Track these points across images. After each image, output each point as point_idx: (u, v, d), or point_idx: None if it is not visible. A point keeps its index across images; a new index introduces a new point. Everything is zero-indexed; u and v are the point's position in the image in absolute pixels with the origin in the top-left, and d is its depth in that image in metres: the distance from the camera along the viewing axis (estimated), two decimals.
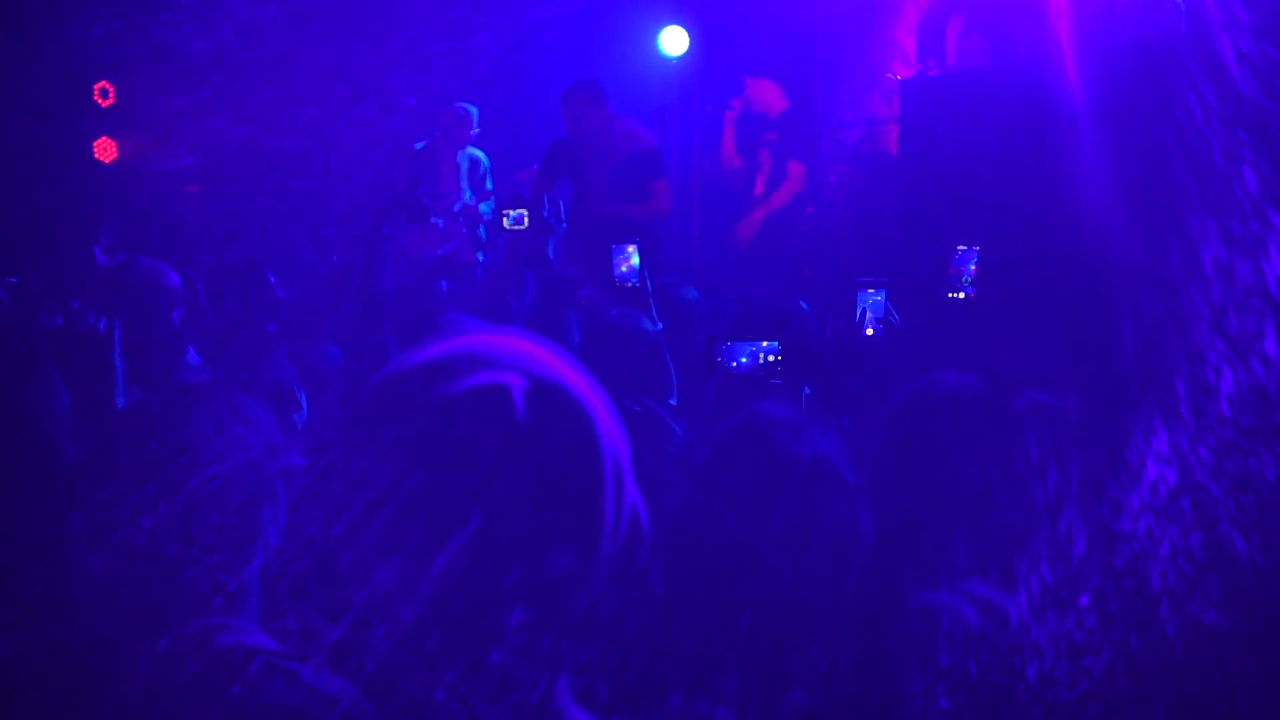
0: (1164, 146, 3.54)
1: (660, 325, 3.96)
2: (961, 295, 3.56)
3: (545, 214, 4.30)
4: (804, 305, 4.68)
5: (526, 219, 4.36)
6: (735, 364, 2.93)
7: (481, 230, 8.34)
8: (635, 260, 4.04)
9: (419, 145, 8.40)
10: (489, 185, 8.50)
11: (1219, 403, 2.00)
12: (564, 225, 4.36)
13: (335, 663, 1.53)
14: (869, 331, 3.31)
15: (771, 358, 2.89)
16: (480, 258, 8.25)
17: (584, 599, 1.05)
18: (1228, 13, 3.20)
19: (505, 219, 4.44)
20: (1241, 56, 3.02)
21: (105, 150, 8.95)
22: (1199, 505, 1.78)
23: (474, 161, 8.46)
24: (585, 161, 6.95)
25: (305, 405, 3.33)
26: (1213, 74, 3.13)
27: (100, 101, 8.92)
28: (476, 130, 8.33)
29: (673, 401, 3.42)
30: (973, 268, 3.57)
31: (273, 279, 4.85)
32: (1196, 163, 3.20)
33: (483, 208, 8.28)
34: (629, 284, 4.05)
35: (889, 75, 6.84)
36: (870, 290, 3.36)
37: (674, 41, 9.26)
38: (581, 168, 7.00)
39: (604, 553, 1.06)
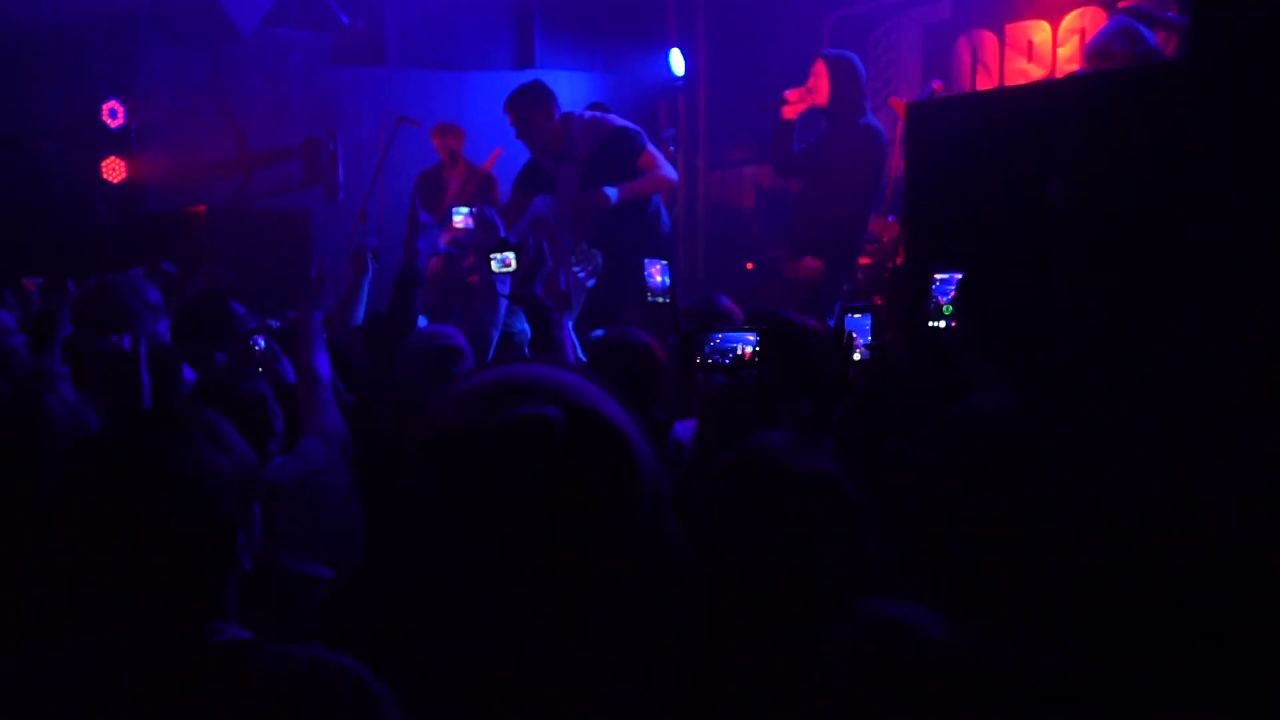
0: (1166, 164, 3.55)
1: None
2: (941, 325, 3.45)
3: (531, 255, 4.33)
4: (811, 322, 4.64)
5: (514, 260, 4.36)
6: (716, 358, 2.90)
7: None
8: (664, 277, 4.03)
9: (426, 168, 8.40)
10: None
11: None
12: (550, 263, 4.38)
13: None
14: (856, 356, 3.23)
15: (750, 350, 2.86)
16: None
17: (621, 625, 1.04)
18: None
19: (493, 261, 4.43)
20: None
21: (114, 170, 8.97)
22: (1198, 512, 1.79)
23: (482, 180, 8.35)
24: (554, 170, 6.69)
25: (281, 429, 3.31)
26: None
27: (109, 122, 8.94)
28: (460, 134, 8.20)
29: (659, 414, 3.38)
30: (951, 294, 3.46)
31: (240, 309, 4.83)
32: (1191, 179, 3.22)
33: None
34: (659, 300, 4.05)
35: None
36: (856, 315, 3.27)
37: (679, 62, 9.31)
38: (550, 178, 6.75)
39: (640, 582, 1.05)
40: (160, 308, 4.14)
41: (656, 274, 3.99)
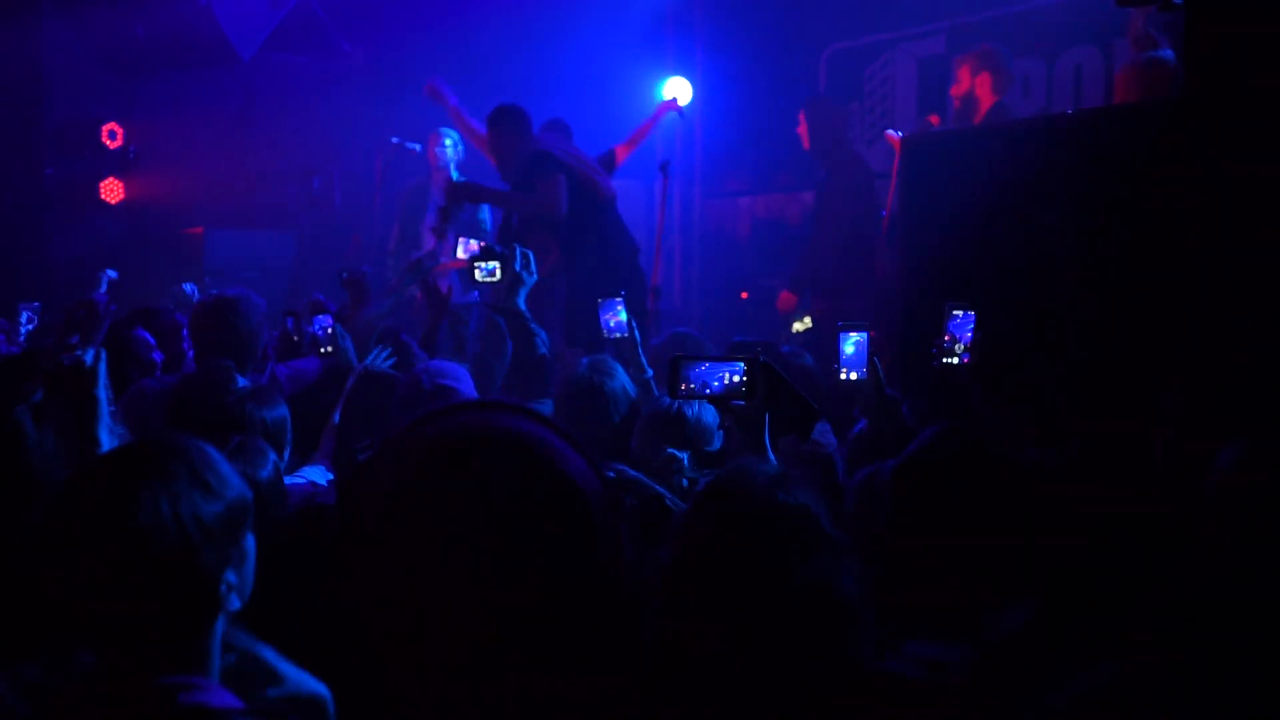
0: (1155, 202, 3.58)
1: (650, 373, 3.97)
2: (955, 361, 3.44)
3: (518, 266, 4.31)
4: (809, 358, 4.65)
5: (499, 271, 4.32)
6: (704, 388, 2.88)
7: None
8: (623, 314, 4.05)
9: (412, 183, 8.25)
10: (484, 218, 7.99)
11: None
12: (535, 277, 4.36)
13: None
14: (854, 376, 3.22)
15: (737, 378, 2.85)
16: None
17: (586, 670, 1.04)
18: None
19: (477, 271, 4.40)
20: None
21: (112, 191, 8.99)
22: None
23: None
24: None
25: (287, 457, 3.33)
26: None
27: (109, 143, 8.97)
28: (457, 154, 8.04)
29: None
30: (969, 334, 3.45)
31: (151, 339, 4.76)
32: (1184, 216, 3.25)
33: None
34: (617, 335, 4.06)
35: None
36: (852, 334, 3.25)
37: (677, 92, 9.24)
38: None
39: (603, 623, 1.05)
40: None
41: (611, 317, 4.01)
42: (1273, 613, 1.57)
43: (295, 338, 4.93)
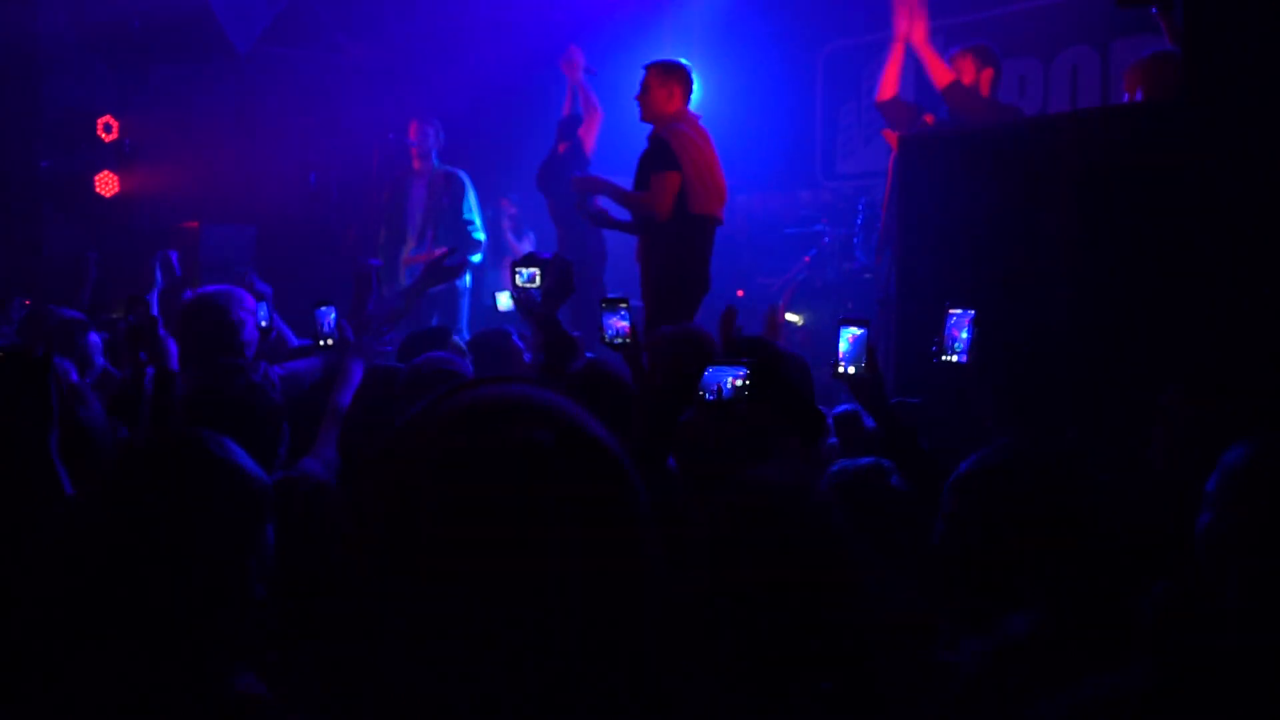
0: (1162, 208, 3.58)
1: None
2: (954, 359, 3.46)
3: (557, 274, 4.23)
4: (803, 355, 4.63)
5: (539, 278, 4.26)
6: (711, 393, 2.86)
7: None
8: (627, 320, 4.02)
9: (393, 175, 8.15)
10: (469, 207, 7.88)
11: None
12: (574, 289, 4.27)
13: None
14: (851, 370, 3.22)
15: (740, 382, 2.83)
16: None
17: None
18: None
19: (517, 276, 4.34)
20: None
21: (107, 184, 8.97)
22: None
23: (449, 182, 7.89)
24: None
25: (284, 454, 3.32)
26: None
27: (104, 136, 8.95)
28: (438, 142, 7.91)
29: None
30: (965, 334, 3.47)
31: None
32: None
33: (475, 258, 7.90)
34: (619, 339, 4.04)
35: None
36: (853, 328, 3.26)
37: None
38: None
39: (645, 608, 1.01)
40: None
41: (616, 321, 3.99)
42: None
43: (264, 323, 4.80)
